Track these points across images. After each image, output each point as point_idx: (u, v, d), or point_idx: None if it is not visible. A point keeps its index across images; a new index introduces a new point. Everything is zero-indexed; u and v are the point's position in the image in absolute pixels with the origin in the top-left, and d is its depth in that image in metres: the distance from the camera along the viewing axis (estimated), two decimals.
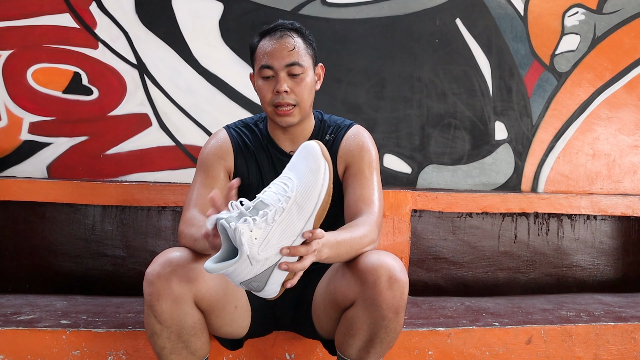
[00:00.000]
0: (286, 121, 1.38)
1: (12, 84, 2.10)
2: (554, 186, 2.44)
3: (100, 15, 2.14)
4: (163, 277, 1.17)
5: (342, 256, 1.20)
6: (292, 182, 1.07)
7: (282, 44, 1.35)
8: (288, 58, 1.35)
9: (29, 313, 1.60)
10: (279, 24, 1.39)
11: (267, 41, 1.37)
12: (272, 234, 1.01)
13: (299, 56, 1.36)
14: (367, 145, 1.44)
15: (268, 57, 1.35)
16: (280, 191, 1.05)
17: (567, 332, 1.68)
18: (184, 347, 1.24)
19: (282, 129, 1.44)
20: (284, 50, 1.35)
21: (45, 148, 2.11)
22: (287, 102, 1.36)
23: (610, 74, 2.47)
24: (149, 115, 2.18)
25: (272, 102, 1.37)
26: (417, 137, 2.35)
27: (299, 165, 1.10)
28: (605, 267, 2.39)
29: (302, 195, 1.05)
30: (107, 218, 2.05)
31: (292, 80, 1.36)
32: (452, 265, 2.24)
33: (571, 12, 2.44)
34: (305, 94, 1.38)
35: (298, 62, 1.36)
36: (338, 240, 1.18)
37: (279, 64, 1.35)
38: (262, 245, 1.00)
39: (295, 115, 1.38)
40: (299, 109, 1.38)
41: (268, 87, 1.37)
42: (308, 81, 1.38)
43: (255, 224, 0.99)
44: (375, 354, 1.26)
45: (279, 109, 1.36)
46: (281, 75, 1.35)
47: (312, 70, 1.41)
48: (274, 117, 1.39)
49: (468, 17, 2.37)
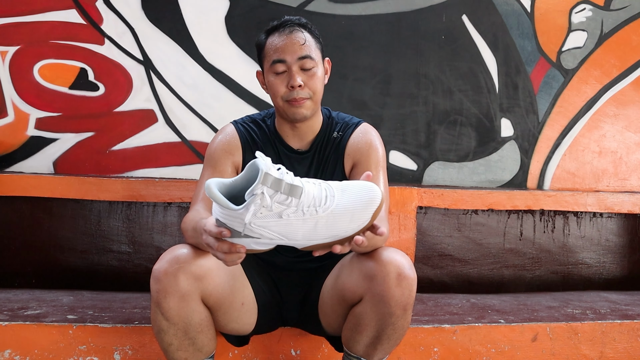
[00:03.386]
0: (300, 112, 1.38)
1: (19, 79, 2.10)
2: (560, 183, 2.43)
3: (107, 11, 2.14)
4: (170, 274, 1.17)
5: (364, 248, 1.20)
6: (335, 199, 0.99)
7: (293, 39, 1.36)
8: (300, 52, 1.35)
9: (36, 308, 1.61)
10: (286, 20, 1.39)
11: (276, 37, 1.37)
12: (275, 224, 0.97)
13: (310, 50, 1.37)
14: (375, 143, 1.45)
15: (280, 52, 1.35)
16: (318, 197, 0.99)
17: (573, 329, 1.68)
18: (190, 344, 1.24)
19: (291, 125, 1.44)
20: (295, 45, 1.35)
21: (51, 144, 2.12)
22: (301, 97, 1.36)
23: (617, 70, 2.46)
24: (154, 111, 2.18)
25: (287, 97, 1.37)
26: (423, 134, 2.34)
27: (354, 188, 1.01)
28: (612, 264, 2.38)
29: (332, 218, 0.99)
30: (113, 214, 2.06)
31: (305, 74, 1.36)
32: (457, 262, 2.24)
33: (578, 9, 2.43)
34: (318, 87, 1.39)
35: (310, 55, 1.36)
36: None
37: (291, 58, 1.35)
38: (261, 222, 0.96)
39: (308, 107, 1.38)
40: (311, 102, 1.38)
41: (281, 82, 1.36)
42: (319, 74, 1.39)
43: (276, 201, 0.95)
44: (382, 351, 1.26)
45: (293, 102, 1.37)
46: (294, 69, 1.35)
47: (322, 64, 1.42)
48: (287, 110, 1.38)
49: (474, 14, 2.36)
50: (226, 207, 0.97)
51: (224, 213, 0.99)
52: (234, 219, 0.98)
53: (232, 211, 0.97)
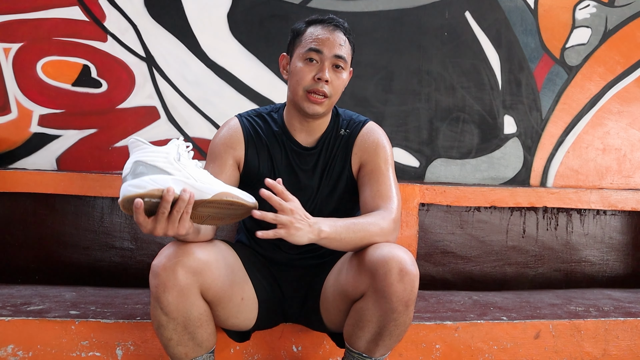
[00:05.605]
0: (314, 109, 1.38)
1: (22, 76, 2.11)
2: (563, 181, 2.42)
3: (110, 8, 2.15)
4: (169, 268, 1.18)
5: (345, 240, 1.22)
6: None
7: (335, 36, 1.38)
8: (338, 50, 1.37)
9: (39, 303, 1.62)
10: (332, 18, 1.41)
11: (319, 28, 1.39)
12: (193, 165, 1.22)
13: (346, 52, 1.40)
14: (383, 142, 1.45)
15: (319, 43, 1.37)
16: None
17: (575, 327, 1.67)
18: (190, 339, 1.24)
19: (300, 120, 1.44)
20: (335, 42, 1.37)
21: (54, 140, 2.13)
22: (323, 91, 1.36)
23: (621, 67, 2.44)
24: (157, 108, 2.19)
25: (309, 87, 1.37)
26: (426, 131, 2.34)
27: None
28: (615, 262, 2.37)
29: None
30: (116, 210, 2.06)
31: (334, 72, 1.38)
32: (459, 260, 2.23)
33: (582, 5, 2.41)
34: (340, 90, 1.41)
35: (344, 57, 1.39)
36: (338, 222, 1.21)
37: (328, 52, 1.36)
38: (182, 160, 1.19)
39: (324, 106, 1.39)
40: (329, 101, 1.39)
41: (309, 71, 1.37)
42: (344, 78, 1.42)
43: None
44: (383, 347, 1.26)
45: (312, 95, 1.37)
46: (326, 64, 1.37)
47: (348, 70, 1.44)
48: (303, 101, 1.38)
49: (477, 10, 2.35)
50: (151, 146, 1.14)
51: (149, 150, 1.14)
52: (157, 154, 1.15)
53: (158, 148, 1.15)
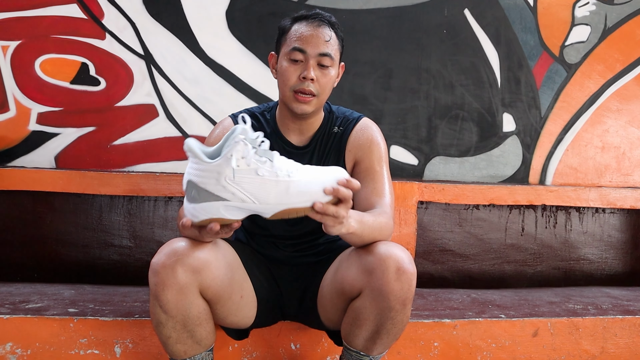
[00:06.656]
0: (302, 109, 1.37)
1: (21, 74, 2.10)
2: (562, 179, 2.42)
3: (108, 6, 2.14)
4: (168, 266, 1.17)
5: (364, 237, 1.22)
6: (300, 172, 1.06)
7: (319, 33, 1.35)
8: (322, 47, 1.34)
9: (37, 301, 1.62)
10: (317, 13, 1.39)
11: (303, 26, 1.36)
12: (249, 181, 1.01)
13: (332, 49, 1.36)
14: (377, 139, 1.44)
15: (302, 41, 1.34)
16: (290, 165, 1.05)
17: (574, 325, 1.68)
18: (189, 337, 1.24)
19: (292, 119, 1.43)
20: (320, 39, 1.34)
21: (53, 138, 2.12)
22: (310, 90, 1.35)
23: (620, 65, 2.44)
24: (155, 106, 2.18)
25: (295, 87, 1.35)
26: (424, 129, 2.33)
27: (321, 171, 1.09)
28: (614, 260, 2.37)
29: (304, 183, 1.04)
30: (114, 208, 2.06)
31: (320, 70, 1.36)
32: (458, 258, 2.23)
33: (582, 3, 2.41)
34: (328, 87, 1.38)
35: (330, 54, 1.35)
36: (364, 219, 1.20)
37: (312, 51, 1.34)
38: (237, 177, 1.00)
39: (313, 105, 1.38)
40: (317, 100, 1.37)
41: (294, 71, 1.35)
42: (332, 75, 1.38)
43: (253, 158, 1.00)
44: (381, 345, 1.26)
45: (299, 95, 1.35)
46: (311, 62, 1.34)
47: (338, 66, 1.41)
48: (291, 102, 1.38)
49: (476, 8, 2.35)
50: (202, 161, 1.00)
51: (199, 168, 1.00)
52: (208, 174, 1.00)
53: (208, 164, 1.00)
